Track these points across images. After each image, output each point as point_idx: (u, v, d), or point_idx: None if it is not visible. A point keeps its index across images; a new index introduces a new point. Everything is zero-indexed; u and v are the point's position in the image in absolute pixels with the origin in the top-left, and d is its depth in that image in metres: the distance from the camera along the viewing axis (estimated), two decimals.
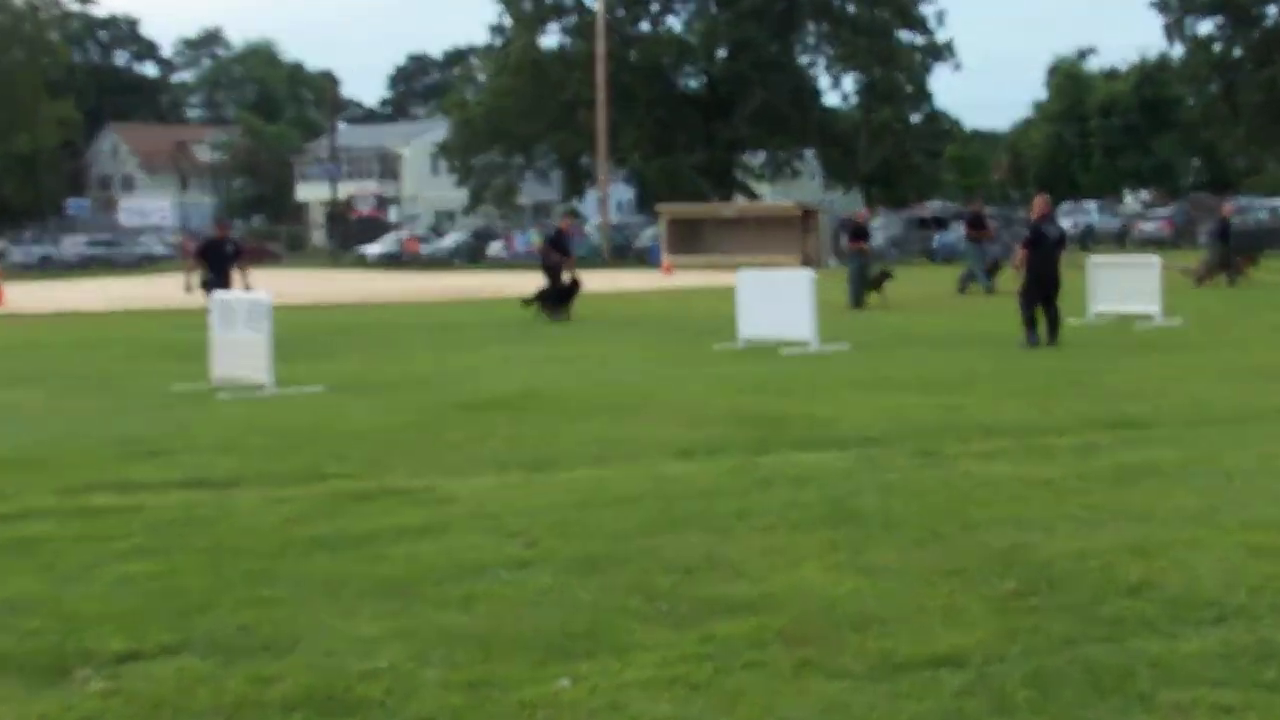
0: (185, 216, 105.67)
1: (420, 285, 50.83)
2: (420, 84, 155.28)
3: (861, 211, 38.61)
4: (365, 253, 79.63)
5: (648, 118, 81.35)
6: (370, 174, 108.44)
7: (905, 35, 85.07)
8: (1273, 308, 28.24)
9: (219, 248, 24.38)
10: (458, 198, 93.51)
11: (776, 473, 10.76)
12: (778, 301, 22.52)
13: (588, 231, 73.83)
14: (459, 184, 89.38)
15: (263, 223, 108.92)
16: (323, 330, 28.70)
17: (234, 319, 18.23)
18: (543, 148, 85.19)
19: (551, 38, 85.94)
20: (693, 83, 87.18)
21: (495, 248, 77.30)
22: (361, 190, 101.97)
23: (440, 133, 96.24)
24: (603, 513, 9.50)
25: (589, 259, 61.76)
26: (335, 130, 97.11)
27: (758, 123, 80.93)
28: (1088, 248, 58.42)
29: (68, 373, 20.78)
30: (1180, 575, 7.54)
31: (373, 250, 79.55)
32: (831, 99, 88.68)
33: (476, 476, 11.04)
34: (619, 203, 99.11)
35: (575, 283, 30.21)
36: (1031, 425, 12.98)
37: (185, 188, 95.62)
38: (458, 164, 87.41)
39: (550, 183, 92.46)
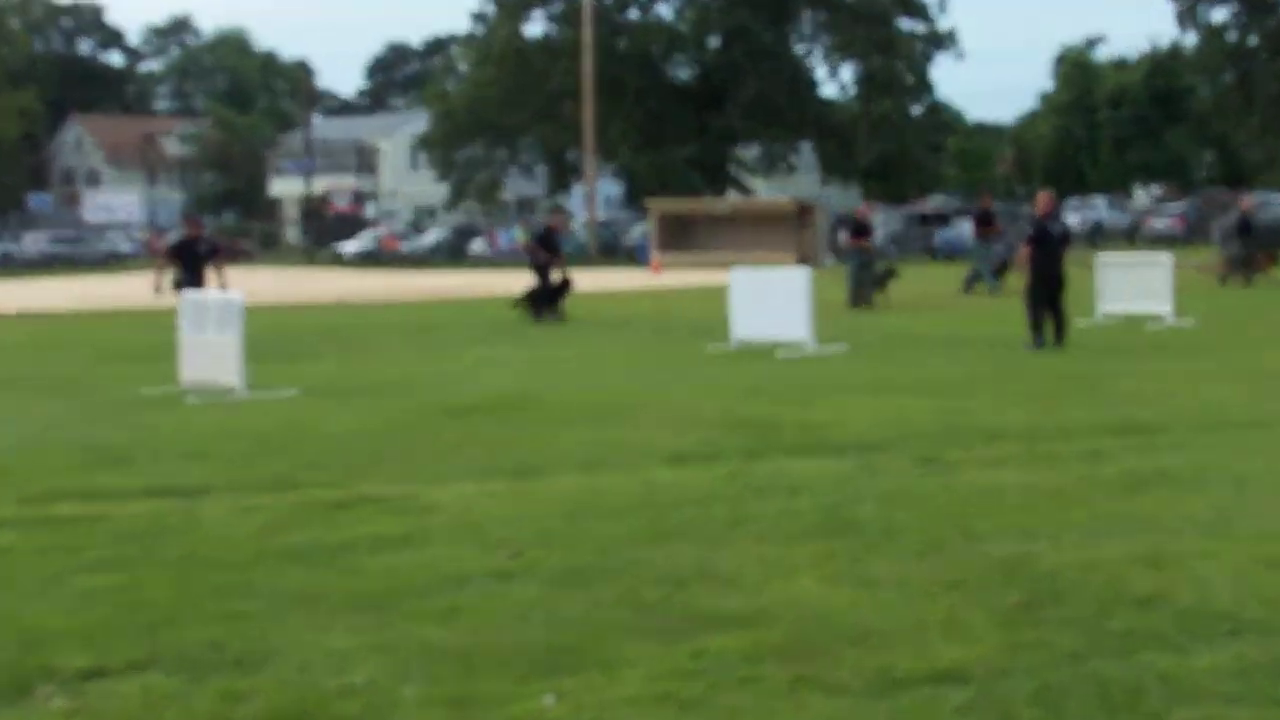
0: (153, 212, 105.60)
1: (399, 284, 50.81)
2: (399, 74, 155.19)
3: (863, 206, 38.57)
4: (342, 250, 79.58)
5: (637, 109, 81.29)
6: (347, 168, 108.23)
7: (905, 23, 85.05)
8: None
9: (192, 247, 24.34)
10: (438, 193, 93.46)
11: (771, 480, 10.77)
12: (772, 301, 22.53)
13: (574, 228, 73.85)
14: (439, 179, 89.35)
15: (234, 219, 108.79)
16: (297, 331, 28.67)
17: (204, 320, 18.21)
18: (527, 141, 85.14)
19: (536, 26, 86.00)
20: (684, 73, 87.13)
21: (478, 245, 77.27)
22: (338, 185, 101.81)
23: (420, 125, 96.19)
24: (590, 522, 9.51)
25: (575, 257, 61.66)
26: (310, 123, 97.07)
27: (752, 114, 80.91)
28: (1096, 245, 58.49)
29: (29, 376, 20.75)
30: (1192, 587, 7.56)
31: (349, 248, 79.50)
32: (829, 90, 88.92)
33: (458, 484, 11.04)
34: (606, 198, 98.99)
35: (566, 282, 30.22)
36: (1037, 430, 13.00)
37: (153, 182, 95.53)
38: (438, 158, 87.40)
39: (535, 177, 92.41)
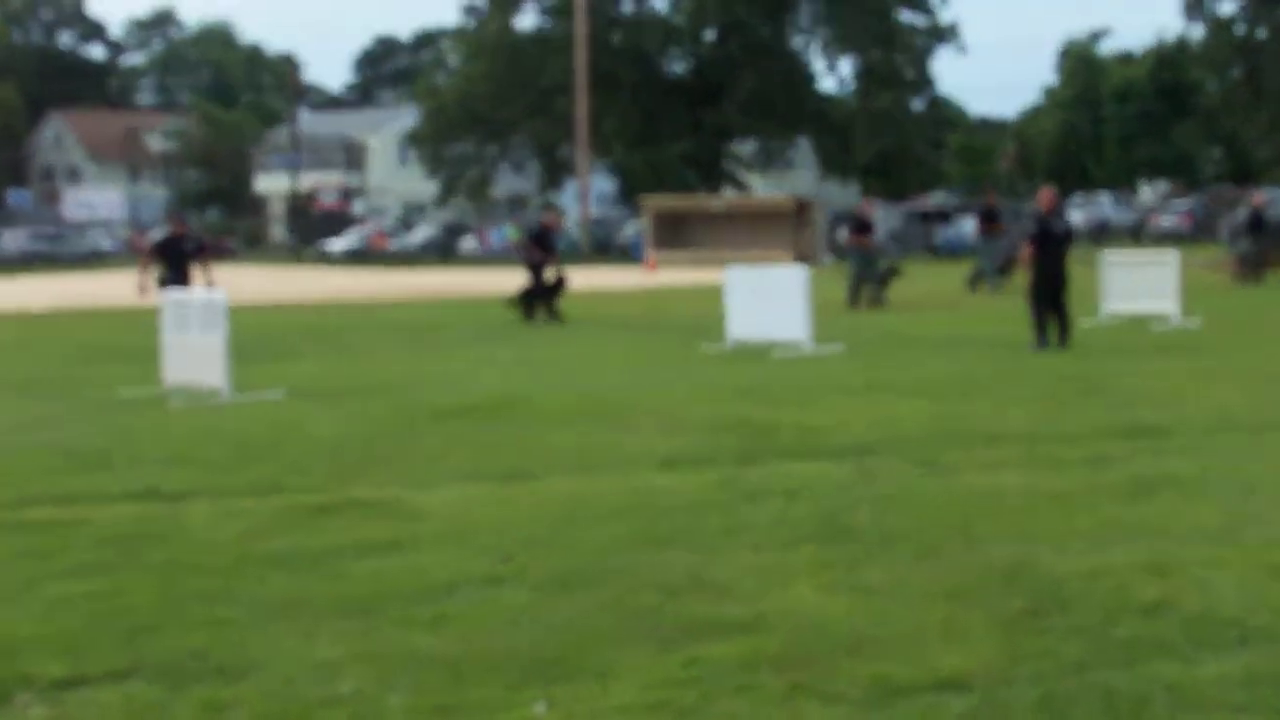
0: (135, 209, 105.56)
1: (388, 283, 50.82)
2: (388, 68, 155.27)
3: (864, 203, 38.54)
4: (329, 248, 79.61)
5: (631, 104, 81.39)
6: (334, 164, 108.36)
7: (906, 16, 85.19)
8: None
9: (177, 245, 24.36)
10: (428, 190, 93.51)
11: (766, 485, 10.76)
12: (769, 300, 22.53)
13: (566, 226, 73.88)
14: (429, 175, 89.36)
15: (219, 216, 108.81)
16: (283, 332, 28.65)
17: (187, 320, 18.18)
18: (519, 136, 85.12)
19: (528, 19, 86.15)
20: (679, 67, 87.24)
21: (468, 243, 77.32)
22: (325, 182, 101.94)
23: (409, 120, 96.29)
24: (582, 527, 9.50)
25: (568, 255, 61.76)
26: (297, 118, 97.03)
27: (748, 110, 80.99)
28: (1101, 243, 58.55)
29: (7, 376, 20.72)
30: (1199, 595, 7.56)
31: (337, 246, 79.55)
32: (827, 84, 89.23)
33: (447, 488, 11.03)
34: (600, 195, 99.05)
35: (561, 281, 30.24)
36: (1040, 433, 12.99)
37: (135, 179, 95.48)
38: (428, 154, 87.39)
39: (526, 174, 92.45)
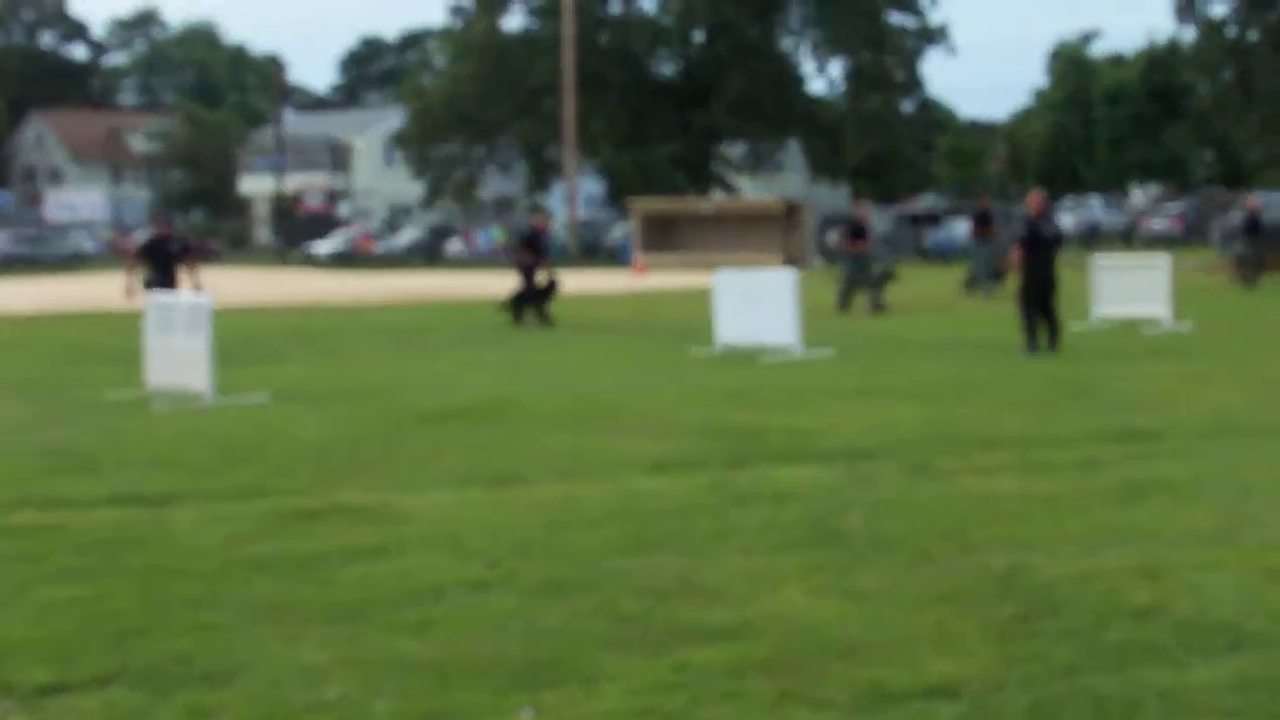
0: (118, 211, 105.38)
1: (373, 286, 50.76)
2: (374, 69, 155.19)
3: (861, 208, 38.49)
4: (314, 251, 79.49)
5: (619, 106, 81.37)
6: (319, 166, 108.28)
7: (896, 18, 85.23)
8: None
9: (163, 246, 24.31)
10: (414, 191, 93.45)
11: (756, 489, 10.76)
12: (758, 304, 22.54)
13: (553, 228, 73.85)
14: (415, 177, 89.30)
15: (203, 218, 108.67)
16: (268, 335, 28.62)
17: (171, 323, 18.15)
18: (506, 138, 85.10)
19: (515, 19, 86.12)
20: (667, 68, 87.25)
21: (454, 245, 77.27)
22: (310, 183, 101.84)
23: (395, 121, 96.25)
24: (570, 532, 9.49)
25: (556, 258, 61.65)
26: (281, 119, 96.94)
27: (737, 111, 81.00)
28: (1091, 246, 58.60)
29: None
30: (1191, 599, 7.57)
31: (322, 248, 79.43)
32: (817, 86, 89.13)
33: (434, 492, 11.03)
34: (588, 197, 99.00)
35: (552, 284, 30.27)
36: (1032, 437, 13.01)
37: (118, 180, 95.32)
38: (414, 155, 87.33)
39: (514, 175, 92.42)
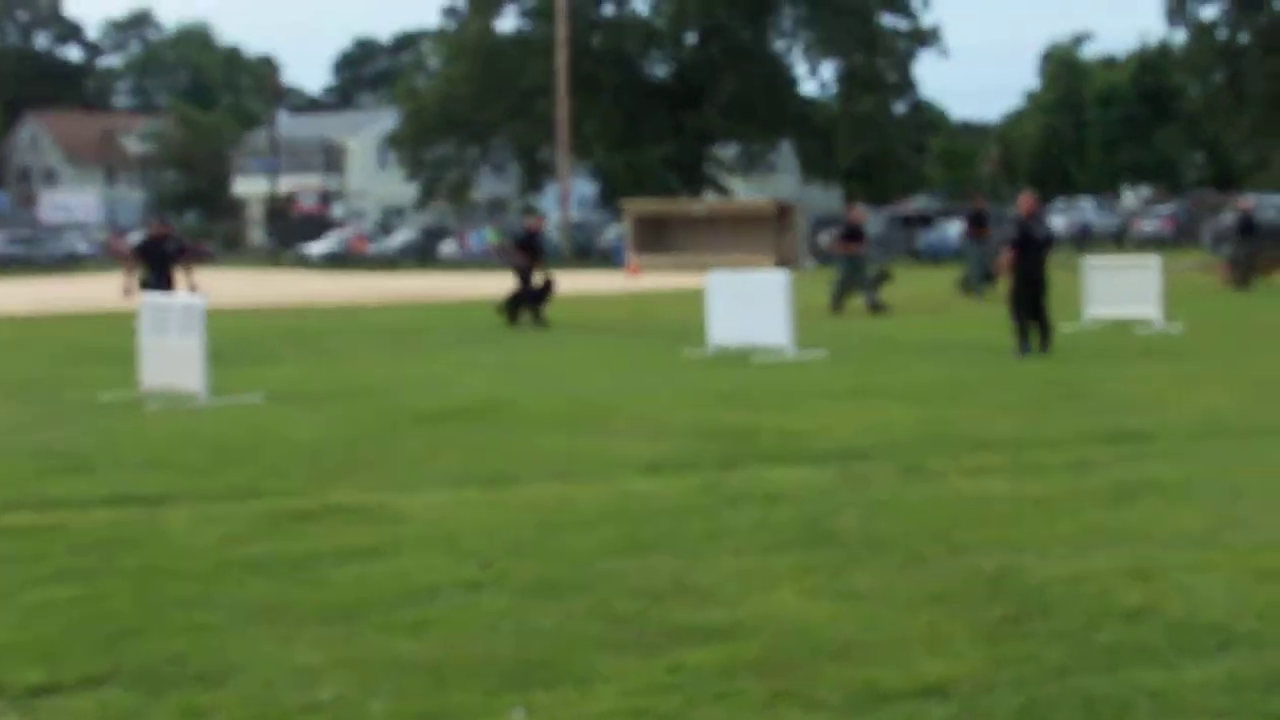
0: (112, 212, 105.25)
1: (367, 287, 50.73)
2: (367, 71, 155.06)
3: (857, 210, 38.50)
4: (307, 252, 79.44)
5: (612, 107, 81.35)
6: (313, 167, 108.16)
7: (888, 19, 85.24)
8: None
9: (159, 246, 24.31)
10: (407, 193, 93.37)
11: (749, 490, 10.76)
12: (751, 305, 22.54)
13: (546, 229, 73.80)
14: (409, 178, 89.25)
15: (197, 219, 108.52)
16: (261, 335, 28.60)
17: (165, 323, 18.13)
18: (499, 139, 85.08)
19: (508, 21, 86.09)
20: (660, 70, 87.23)
21: (448, 247, 77.24)
22: (303, 185, 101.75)
23: (388, 123, 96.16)
24: (564, 533, 9.49)
25: (549, 259, 61.65)
26: (275, 120, 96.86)
27: (730, 113, 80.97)
28: (1083, 248, 58.62)
29: None
30: (1182, 600, 7.57)
31: (316, 249, 79.38)
32: (809, 88, 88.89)
33: (429, 493, 11.02)
34: (581, 198, 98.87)
35: (549, 284, 30.32)
36: (1023, 439, 13.01)
37: (113, 181, 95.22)
38: (407, 156, 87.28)
39: (507, 177, 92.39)
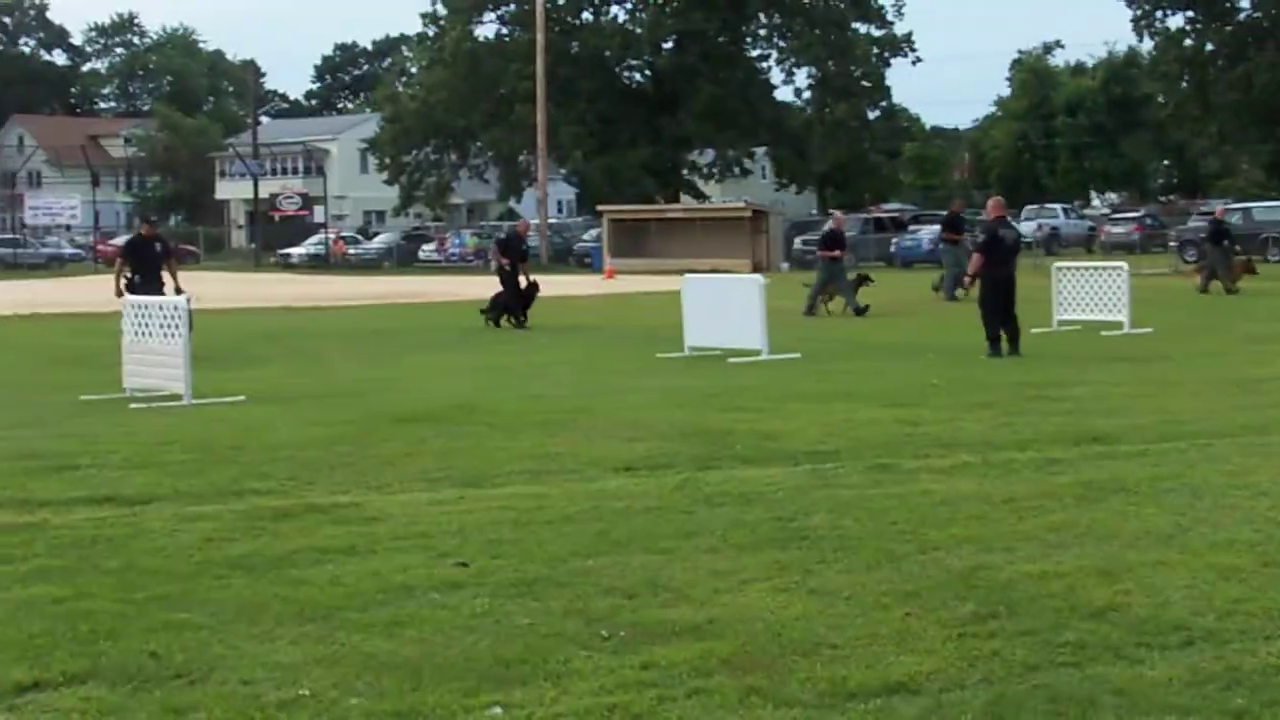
0: (97, 215, 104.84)
1: (348, 289, 50.64)
2: (348, 76, 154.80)
3: (839, 216, 38.55)
4: (289, 254, 79.33)
5: (589, 113, 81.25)
6: (295, 171, 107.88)
7: (862, 27, 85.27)
8: (1246, 317, 28.47)
9: (148, 247, 24.18)
10: (388, 197, 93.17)
11: (722, 490, 10.77)
12: (726, 309, 22.58)
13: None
14: (389, 183, 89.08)
15: (181, 222, 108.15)
16: (244, 337, 28.55)
17: (148, 325, 18.09)
18: (479, 144, 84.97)
19: (488, 27, 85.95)
20: (637, 76, 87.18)
21: (428, 250, 77.17)
22: (285, 188, 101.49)
23: (369, 128, 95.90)
24: (540, 532, 9.49)
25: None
26: (258, 124, 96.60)
27: (706, 119, 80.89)
28: (1053, 253, 58.75)
29: None
30: (1147, 598, 7.60)
31: (298, 252, 79.27)
32: (784, 94, 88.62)
33: (406, 493, 11.02)
34: (560, 203, 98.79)
35: (533, 286, 30.37)
36: (993, 440, 13.03)
37: (97, 185, 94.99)
38: (388, 161, 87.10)
39: (487, 181, 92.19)
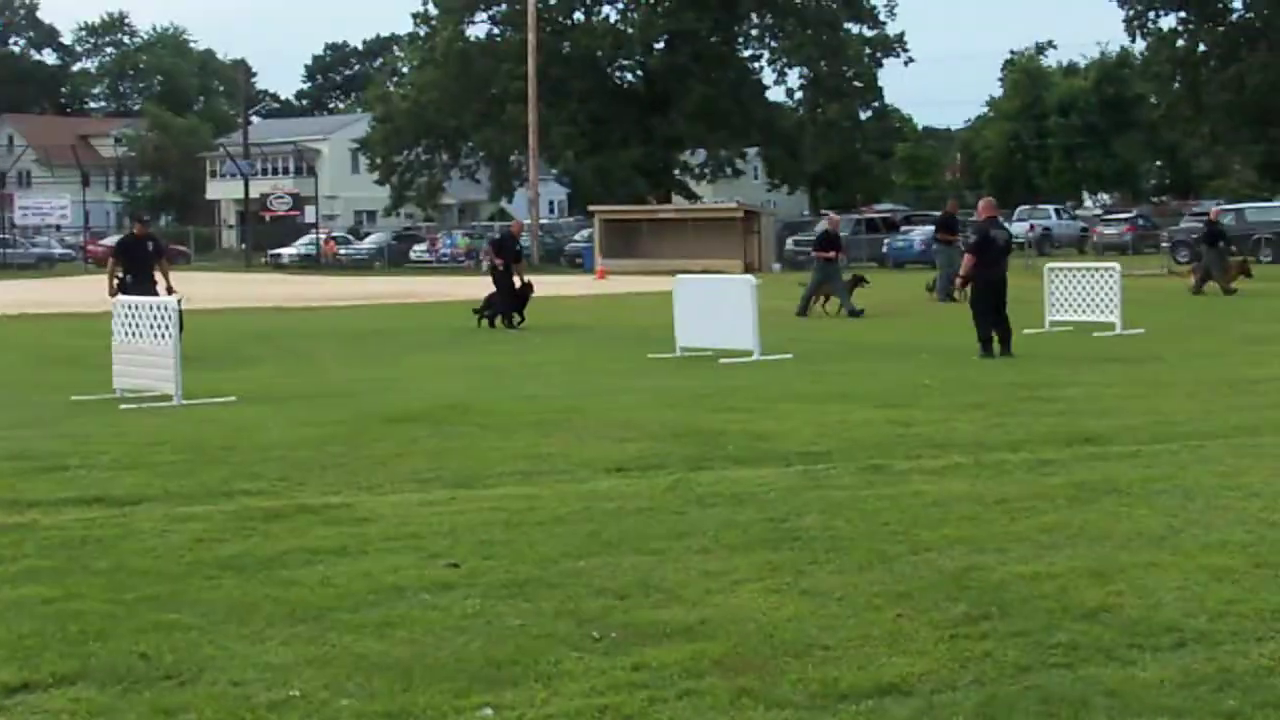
0: (87, 215, 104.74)
1: (339, 289, 50.63)
2: (339, 76, 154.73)
3: (834, 217, 38.64)
4: (280, 255, 79.32)
5: (581, 113, 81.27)
6: (286, 171, 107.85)
7: (854, 27, 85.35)
8: (1239, 318, 28.50)
9: (140, 246, 24.11)
10: (379, 197, 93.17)
11: (714, 491, 10.76)
12: (718, 309, 22.58)
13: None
14: (380, 182, 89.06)
15: (171, 222, 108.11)
16: (234, 337, 28.53)
17: (139, 325, 18.07)
18: (470, 144, 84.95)
19: (479, 27, 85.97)
20: (629, 76, 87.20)
21: (419, 250, 77.18)
22: (276, 188, 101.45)
23: (360, 128, 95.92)
24: (531, 533, 9.48)
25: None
26: (248, 124, 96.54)
27: (697, 119, 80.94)
28: (1045, 254, 58.80)
29: None
30: (1139, 599, 7.60)
31: (288, 252, 79.27)
32: (776, 94, 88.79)
33: (397, 493, 11.00)
34: (551, 203, 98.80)
35: (527, 286, 30.40)
36: (985, 441, 13.03)
37: (87, 184, 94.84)
38: (379, 161, 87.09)
39: (479, 181, 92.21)
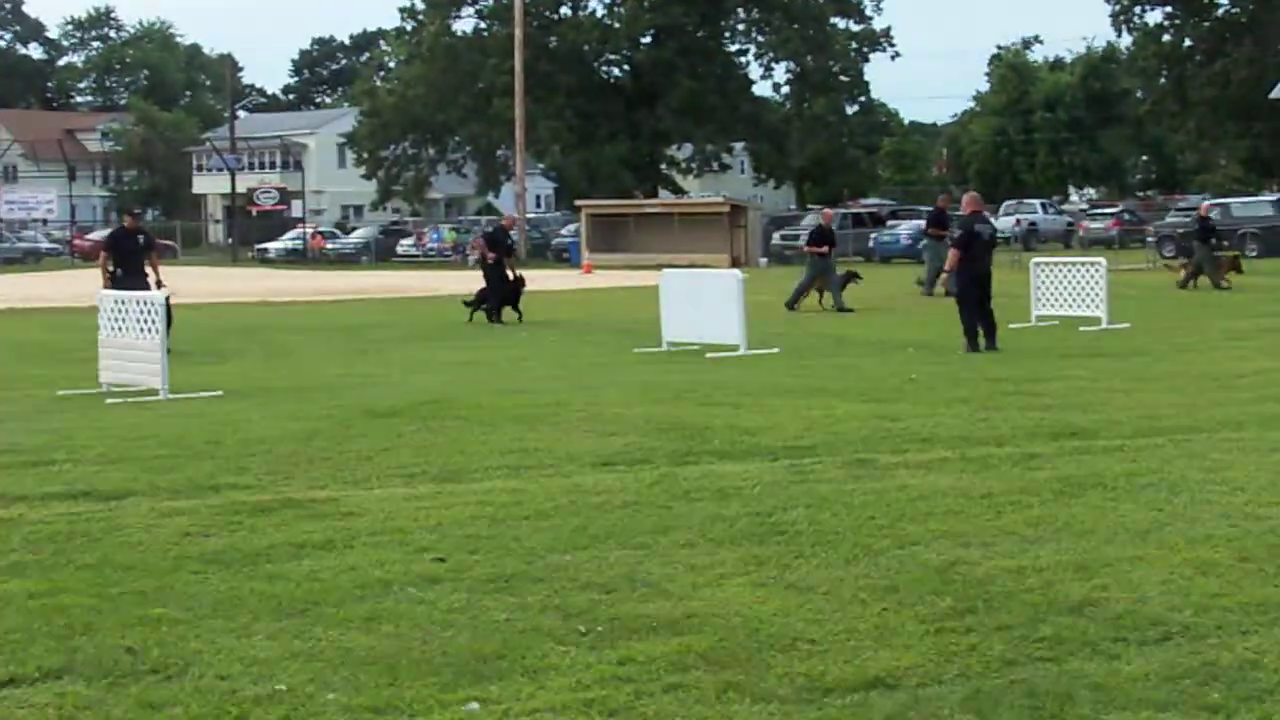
0: (73, 210, 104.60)
1: (325, 284, 50.57)
2: (326, 70, 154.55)
3: (826, 212, 38.70)
4: (267, 249, 79.26)
5: (568, 107, 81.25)
6: (272, 165, 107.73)
7: (840, 22, 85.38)
8: (1224, 313, 28.55)
9: (130, 240, 24.01)
10: (366, 191, 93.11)
11: (700, 485, 10.76)
12: (704, 304, 22.60)
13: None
14: (367, 177, 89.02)
15: (158, 216, 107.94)
16: (221, 332, 28.50)
17: (125, 320, 18.05)
18: (457, 139, 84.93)
19: (466, 22, 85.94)
20: (616, 71, 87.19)
21: (406, 245, 77.13)
22: (263, 183, 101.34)
23: (347, 122, 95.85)
24: (517, 527, 9.48)
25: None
26: (235, 119, 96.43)
27: (684, 113, 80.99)
28: (1031, 248, 58.88)
29: None
30: (1124, 593, 7.61)
31: (275, 246, 79.21)
32: (762, 89, 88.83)
33: (383, 488, 11.00)
34: (538, 198, 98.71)
35: (518, 281, 30.42)
36: (970, 435, 13.04)
37: (73, 179, 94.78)
38: (366, 156, 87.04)
39: (465, 176, 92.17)
